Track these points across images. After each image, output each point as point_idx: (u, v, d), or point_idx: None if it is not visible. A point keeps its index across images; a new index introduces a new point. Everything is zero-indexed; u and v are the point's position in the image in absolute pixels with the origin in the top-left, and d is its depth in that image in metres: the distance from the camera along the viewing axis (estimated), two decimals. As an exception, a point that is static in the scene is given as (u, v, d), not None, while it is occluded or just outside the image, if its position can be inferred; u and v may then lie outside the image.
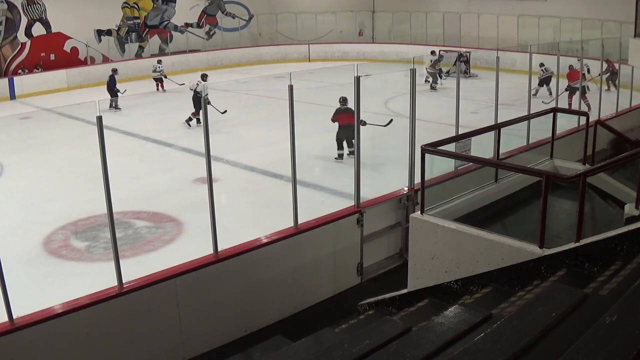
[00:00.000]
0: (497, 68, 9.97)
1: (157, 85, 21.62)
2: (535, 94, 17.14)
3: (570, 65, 16.00)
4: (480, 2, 26.62)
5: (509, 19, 25.36)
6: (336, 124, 11.75)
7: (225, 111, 12.72)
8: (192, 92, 15.76)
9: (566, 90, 16.08)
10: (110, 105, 18.05)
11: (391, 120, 11.65)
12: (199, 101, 15.48)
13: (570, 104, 15.80)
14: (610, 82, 17.23)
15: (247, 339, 6.03)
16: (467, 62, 23.06)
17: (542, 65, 17.83)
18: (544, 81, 17.67)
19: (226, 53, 28.27)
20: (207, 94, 15.21)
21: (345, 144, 11.78)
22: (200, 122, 15.51)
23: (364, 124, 11.27)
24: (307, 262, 6.73)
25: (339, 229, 6.97)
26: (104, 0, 25.60)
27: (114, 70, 19.14)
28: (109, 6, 25.90)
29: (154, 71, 21.72)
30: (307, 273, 6.78)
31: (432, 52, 21.98)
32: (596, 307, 3.27)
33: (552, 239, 4.91)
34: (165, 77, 21.54)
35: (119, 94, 18.12)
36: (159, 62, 22.17)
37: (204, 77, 16.41)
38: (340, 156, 11.87)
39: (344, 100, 11.66)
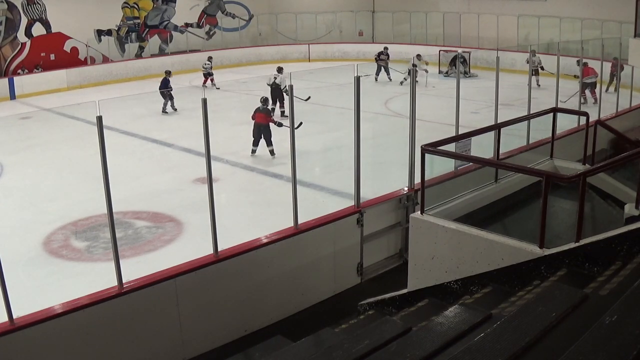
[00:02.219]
0: (497, 68, 9.98)
1: (205, 80, 21.58)
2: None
3: (584, 62, 16.13)
4: (480, 2, 26.61)
5: (509, 19, 25.35)
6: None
7: (309, 97, 12.53)
8: (270, 87, 15.97)
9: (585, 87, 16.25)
10: (164, 110, 17.37)
11: (300, 123, 11.62)
12: (280, 93, 15.81)
13: (586, 98, 16.02)
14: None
15: (247, 339, 6.03)
16: (464, 62, 23.03)
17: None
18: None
19: (226, 53, 28.25)
20: (285, 86, 15.50)
21: (263, 142, 12.28)
22: (284, 115, 15.55)
23: (280, 125, 11.95)
24: (307, 262, 6.73)
25: (339, 229, 6.97)
26: (104, 0, 25.59)
27: (168, 73, 18.21)
28: (109, 6, 25.90)
29: (203, 67, 21.94)
30: (307, 273, 6.78)
31: (418, 56, 22.38)
32: (596, 307, 3.27)
33: (552, 239, 4.91)
34: (211, 75, 21.66)
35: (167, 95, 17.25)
36: (209, 59, 22.20)
37: (280, 70, 16.43)
38: (253, 152, 12.47)
39: (264, 101, 12.55)
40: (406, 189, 7.71)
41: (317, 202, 9.48)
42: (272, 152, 12.31)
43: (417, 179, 6.23)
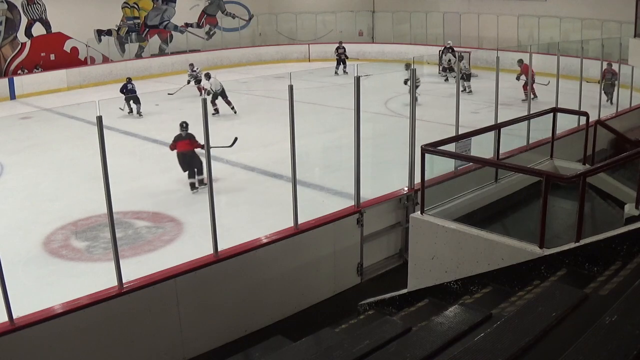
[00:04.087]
0: (497, 68, 9.96)
1: (199, 88, 19.55)
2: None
3: (520, 59, 16.75)
4: (480, 2, 26.60)
5: (509, 19, 25.35)
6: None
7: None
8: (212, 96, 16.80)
9: (518, 79, 17.13)
10: (131, 111, 17.28)
11: (236, 139, 10.99)
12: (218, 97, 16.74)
13: (526, 94, 16.90)
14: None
15: (247, 339, 6.03)
16: (452, 51, 22.74)
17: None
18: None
19: (226, 53, 28.26)
20: (212, 89, 16.34)
21: (195, 171, 10.47)
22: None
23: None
24: (307, 262, 6.73)
25: (339, 229, 6.97)
26: (104, 0, 25.59)
27: (128, 79, 18.15)
28: (109, 6, 25.90)
29: (188, 76, 20.39)
30: (307, 273, 6.78)
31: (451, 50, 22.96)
32: (596, 307, 3.27)
33: (552, 239, 4.91)
34: (193, 80, 20.12)
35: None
36: (191, 66, 20.63)
37: (207, 76, 17.29)
38: (192, 186, 10.43)
39: (186, 126, 10.45)
40: (406, 189, 7.71)
41: (317, 202, 9.48)
42: (201, 183, 10.39)
43: (417, 179, 6.23)
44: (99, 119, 5.06)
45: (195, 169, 10.41)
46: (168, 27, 28.04)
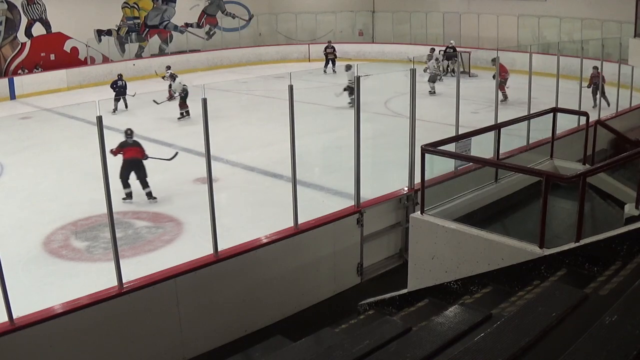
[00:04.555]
0: (497, 68, 9.98)
1: (169, 93, 18.83)
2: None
3: (493, 59, 16.90)
4: (480, 2, 26.60)
5: (509, 19, 25.34)
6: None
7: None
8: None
9: (495, 77, 17.14)
10: (115, 109, 17.54)
11: (176, 153, 10.98)
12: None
13: (504, 94, 17.25)
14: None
15: (247, 339, 6.03)
16: (453, 50, 22.78)
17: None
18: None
19: (226, 53, 28.26)
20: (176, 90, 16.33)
21: (137, 181, 10.09)
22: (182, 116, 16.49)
23: (146, 158, 10.13)
24: (307, 262, 6.73)
25: (339, 229, 6.97)
26: (104, 0, 25.59)
27: (119, 76, 18.55)
28: (109, 6, 25.89)
29: (164, 79, 19.50)
30: (307, 273, 6.78)
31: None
32: (596, 307, 3.28)
33: (552, 239, 4.91)
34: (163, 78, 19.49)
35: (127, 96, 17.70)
36: (167, 67, 19.68)
37: (173, 78, 17.57)
38: (129, 195, 10.02)
39: (131, 133, 10.28)
40: (406, 189, 7.71)
41: (317, 202, 9.48)
42: (150, 196, 10.11)
43: (417, 179, 6.23)
44: (99, 119, 5.07)
45: (139, 180, 10.04)
46: (168, 27, 28.04)
